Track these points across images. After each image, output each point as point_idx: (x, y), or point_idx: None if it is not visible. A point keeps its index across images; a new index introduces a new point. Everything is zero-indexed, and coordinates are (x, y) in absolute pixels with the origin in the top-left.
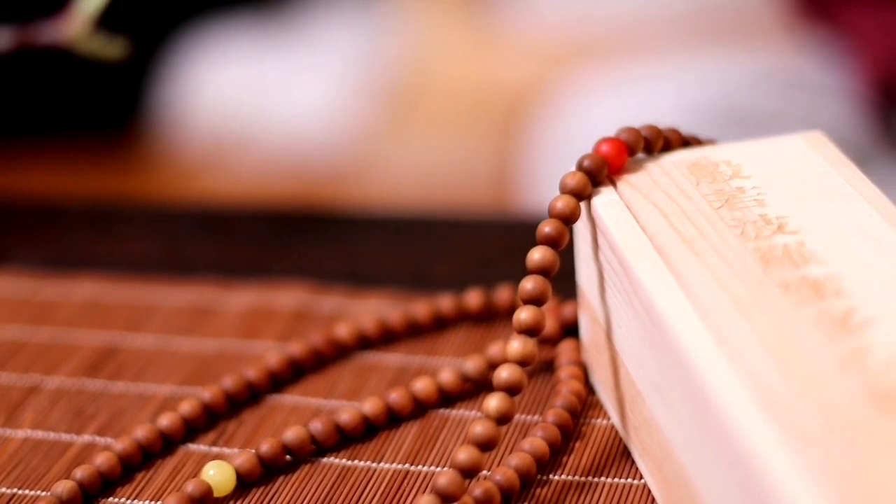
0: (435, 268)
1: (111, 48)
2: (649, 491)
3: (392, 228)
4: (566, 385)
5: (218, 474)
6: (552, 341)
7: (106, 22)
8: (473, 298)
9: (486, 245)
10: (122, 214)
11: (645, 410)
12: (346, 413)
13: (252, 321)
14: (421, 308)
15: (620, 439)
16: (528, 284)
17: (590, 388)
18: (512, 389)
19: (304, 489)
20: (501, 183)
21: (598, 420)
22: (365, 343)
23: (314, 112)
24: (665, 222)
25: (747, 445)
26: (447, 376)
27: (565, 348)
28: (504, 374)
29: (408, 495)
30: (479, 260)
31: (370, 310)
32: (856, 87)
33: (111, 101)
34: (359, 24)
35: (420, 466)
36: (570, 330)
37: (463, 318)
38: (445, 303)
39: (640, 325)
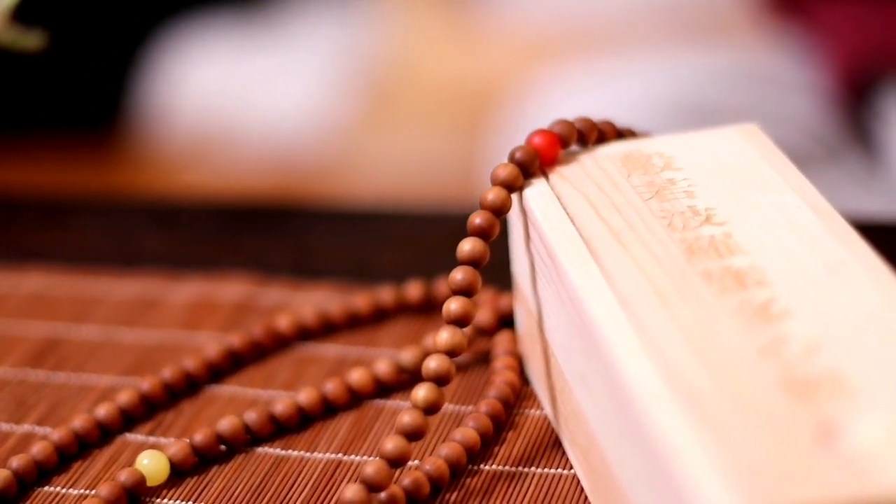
0: (380, 260)
1: (28, 40)
2: (579, 481)
3: (339, 222)
4: (501, 376)
5: (151, 463)
6: (489, 332)
7: (88, 17)
8: (413, 290)
9: (431, 237)
10: (73, 207)
11: (572, 400)
12: (281, 404)
13: (196, 313)
14: (361, 300)
15: (552, 429)
16: (458, 275)
17: (525, 379)
18: (440, 380)
19: (236, 479)
20: (476, 177)
21: (532, 410)
22: (305, 334)
23: (295, 108)
24: (594, 213)
25: (659, 434)
26: (383, 367)
27: (501, 339)
28: (432, 364)
29: (339, 485)
30: (424, 252)
31: (313, 301)
32: (824, 81)
33: (93, 98)
34: (339, 21)
35: (353, 456)
36: (507, 321)
37: (403, 309)
38: (386, 294)
39: (567, 315)
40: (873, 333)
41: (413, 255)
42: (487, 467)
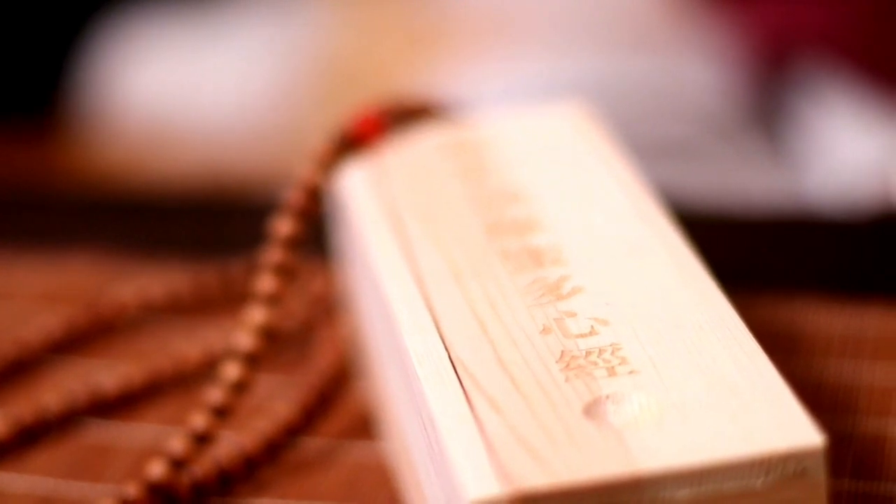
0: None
1: None
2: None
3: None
4: (323, 353)
5: None
6: (315, 311)
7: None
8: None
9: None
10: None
11: (380, 375)
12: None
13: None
14: (184, 283)
15: (372, 404)
16: (270, 253)
17: (349, 356)
18: (251, 357)
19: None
20: None
21: (354, 386)
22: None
23: (237, 105)
24: (404, 194)
25: (433, 409)
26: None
27: (326, 317)
28: (243, 341)
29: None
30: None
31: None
32: (739, 56)
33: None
34: (284, 19)
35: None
36: (334, 300)
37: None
38: (210, 277)
39: (371, 292)
40: (663, 313)
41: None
42: (307, 442)
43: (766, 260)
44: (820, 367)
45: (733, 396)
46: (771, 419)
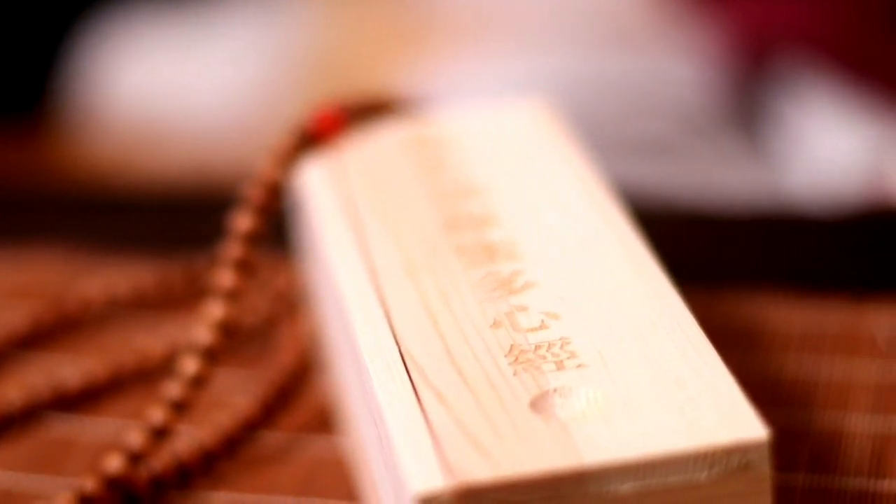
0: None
1: None
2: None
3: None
4: (286, 348)
5: None
6: (278, 306)
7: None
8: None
9: None
10: None
11: (338, 370)
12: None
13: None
14: (148, 279)
15: (332, 399)
16: (230, 249)
17: (311, 351)
18: (209, 352)
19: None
20: None
21: (316, 381)
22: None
23: (224, 103)
24: (362, 190)
25: (379, 402)
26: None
27: (288, 313)
28: (201, 336)
29: None
30: None
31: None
32: (719, 53)
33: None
34: (271, 17)
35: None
36: (297, 295)
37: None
38: (174, 273)
39: (328, 287)
40: (614, 308)
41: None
42: (267, 437)
43: (731, 256)
44: (779, 361)
45: (680, 390)
46: (716, 413)
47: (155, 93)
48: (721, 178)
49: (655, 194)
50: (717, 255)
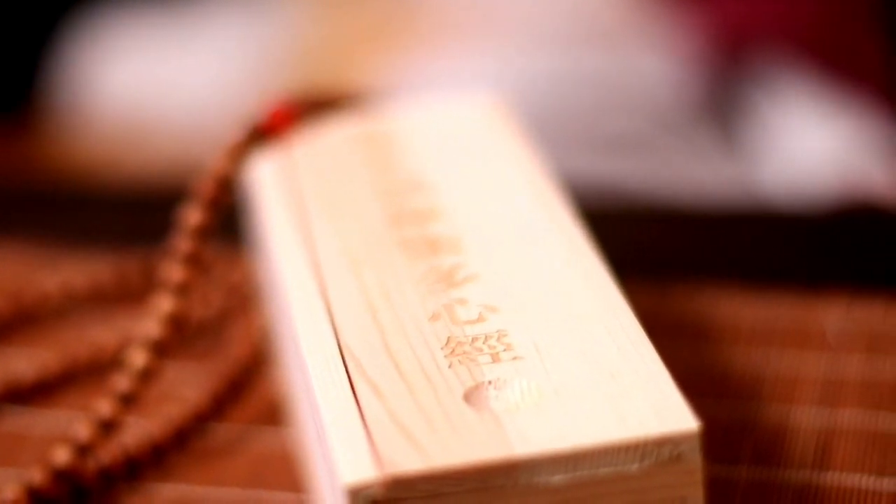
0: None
1: None
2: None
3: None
4: (238, 341)
5: None
6: (232, 300)
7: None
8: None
9: None
10: None
11: (286, 363)
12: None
13: None
14: (106, 273)
15: (282, 392)
16: (179, 243)
17: (264, 345)
18: (158, 345)
19: None
20: None
21: (269, 374)
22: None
23: (210, 100)
24: (310, 184)
25: (316, 393)
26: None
27: (242, 307)
28: (150, 329)
29: None
30: None
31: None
32: (694, 50)
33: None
34: (257, 15)
35: None
36: (251, 289)
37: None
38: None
39: (274, 280)
40: (553, 301)
41: None
42: (219, 428)
43: (683, 250)
44: (729, 355)
45: (613, 382)
46: (648, 404)
47: (141, 90)
48: (696, 174)
49: (615, 190)
50: (669, 249)
